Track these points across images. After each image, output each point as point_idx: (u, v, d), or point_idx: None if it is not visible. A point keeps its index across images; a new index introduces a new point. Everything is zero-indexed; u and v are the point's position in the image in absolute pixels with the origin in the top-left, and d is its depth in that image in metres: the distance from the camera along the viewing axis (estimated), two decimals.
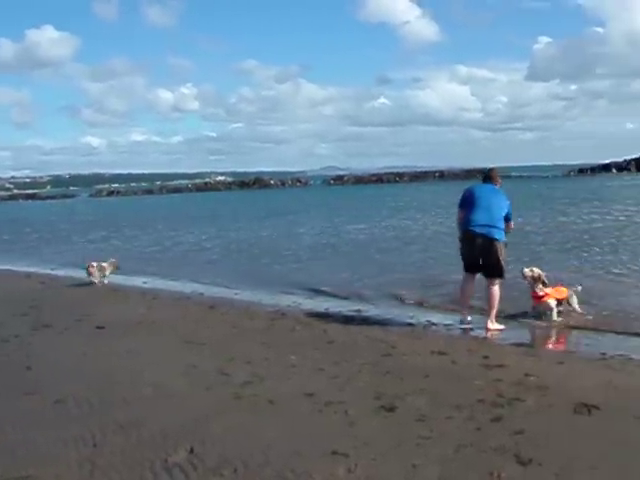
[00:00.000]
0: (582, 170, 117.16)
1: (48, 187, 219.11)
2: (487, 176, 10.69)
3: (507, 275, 10.01)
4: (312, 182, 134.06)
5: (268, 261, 20.30)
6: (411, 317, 10.84)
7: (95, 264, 16.06)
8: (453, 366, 7.68)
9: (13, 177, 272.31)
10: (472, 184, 11.07)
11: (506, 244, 10.04)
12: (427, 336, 9.55)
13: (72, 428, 5.81)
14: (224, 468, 4.87)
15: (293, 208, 50.76)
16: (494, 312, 9.92)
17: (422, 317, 10.82)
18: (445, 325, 10.28)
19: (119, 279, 16.38)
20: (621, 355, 8.32)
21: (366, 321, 10.56)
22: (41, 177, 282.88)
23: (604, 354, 8.35)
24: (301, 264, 19.22)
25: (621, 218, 29.45)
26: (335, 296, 13.23)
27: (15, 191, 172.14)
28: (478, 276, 10.22)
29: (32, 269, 20.00)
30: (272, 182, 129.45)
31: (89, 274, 15.92)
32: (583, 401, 6.10)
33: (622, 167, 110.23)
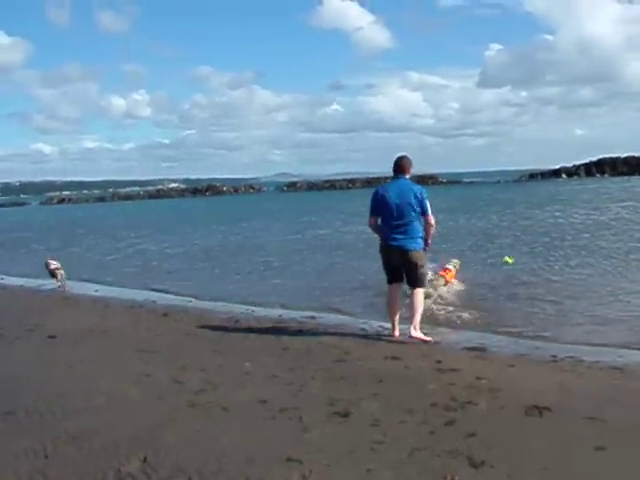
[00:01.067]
0: (533, 175, 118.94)
1: None
2: (397, 167, 9.69)
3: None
4: (265, 189, 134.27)
5: (221, 269, 20.28)
6: (364, 323, 10.87)
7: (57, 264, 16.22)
8: (406, 371, 7.72)
9: None
10: (383, 184, 10.26)
11: (425, 249, 9.58)
12: (380, 342, 9.58)
13: (23, 440, 5.71)
14: (178, 477, 4.84)
15: (247, 215, 50.80)
16: (417, 319, 9.52)
17: (375, 323, 10.85)
18: (399, 330, 10.32)
19: (72, 287, 16.23)
20: (571, 357, 8.45)
21: (320, 327, 10.56)
22: None
23: (555, 356, 8.48)
24: (257, 272, 19.19)
25: (588, 221, 30.30)
26: (289, 303, 13.22)
27: None
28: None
29: None
30: (225, 189, 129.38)
31: (54, 275, 15.96)
32: (534, 403, 6.17)
33: (572, 172, 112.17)
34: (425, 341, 9.41)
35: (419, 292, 9.59)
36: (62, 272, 16.67)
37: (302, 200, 76.77)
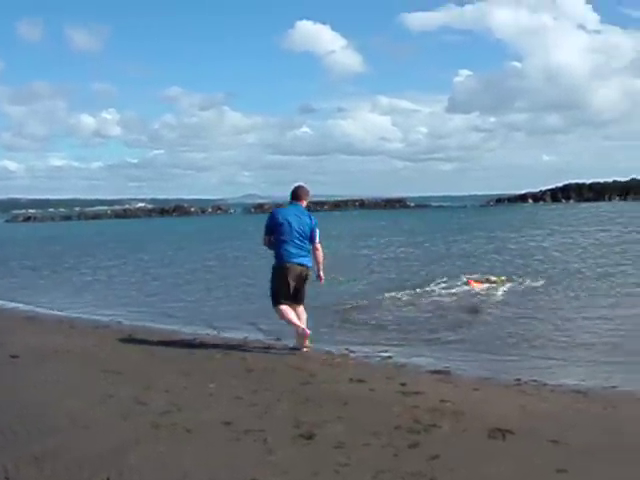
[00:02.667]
0: (500, 200, 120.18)
1: None
2: (294, 195, 10.50)
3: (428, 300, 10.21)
4: (233, 210, 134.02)
5: (189, 290, 20.23)
6: (329, 345, 10.88)
7: None
8: (371, 393, 7.74)
9: None
10: (279, 209, 11.00)
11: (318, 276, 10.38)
12: (345, 364, 9.60)
13: None
14: None
15: (216, 236, 50.76)
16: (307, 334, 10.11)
17: (340, 345, 10.87)
18: (363, 353, 10.37)
19: (35, 307, 16.10)
20: (535, 380, 8.51)
21: (285, 349, 10.56)
22: None
23: (519, 380, 8.54)
24: (225, 293, 19.18)
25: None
26: (254, 324, 13.20)
27: None
28: None
29: None
30: (192, 210, 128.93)
31: None
32: (497, 426, 6.22)
33: (538, 197, 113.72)
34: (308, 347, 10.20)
35: (303, 310, 10.35)
36: None
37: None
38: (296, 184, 10.59)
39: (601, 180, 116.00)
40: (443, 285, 18.36)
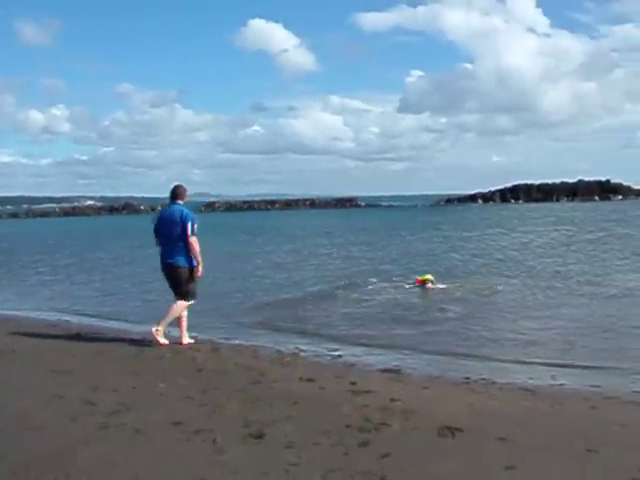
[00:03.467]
0: (450, 200, 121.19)
1: None
2: (173, 194, 10.90)
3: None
4: None
5: (148, 289, 20.03)
6: (280, 344, 10.88)
7: None
8: (321, 392, 7.75)
9: None
10: (163, 209, 11.35)
11: (193, 268, 10.55)
12: (296, 363, 9.61)
13: None
14: None
15: None
16: (166, 321, 10.58)
17: (291, 344, 10.89)
18: (313, 352, 10.39)
19: None
20: (484, 379, 8.61)
21: (235, 348, 10.54)
22: None
23: (468, 378, 8.63)
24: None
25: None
26: (204, 323, 13.13)
27: None
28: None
29: None
30: (142, 207, 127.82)
31: None
32: (447, 424, 6.28)
33: (487, 198, 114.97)
34: (163, 344, 10.47)
35: (180, 303, 10.61)
36: None
37: (227, 221, 76.30)
38: (174, 184, 11.02)
39: (549, 181, 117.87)
40: (395, 284, 18.49)
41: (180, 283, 10.56)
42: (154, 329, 10.49)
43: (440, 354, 10.45)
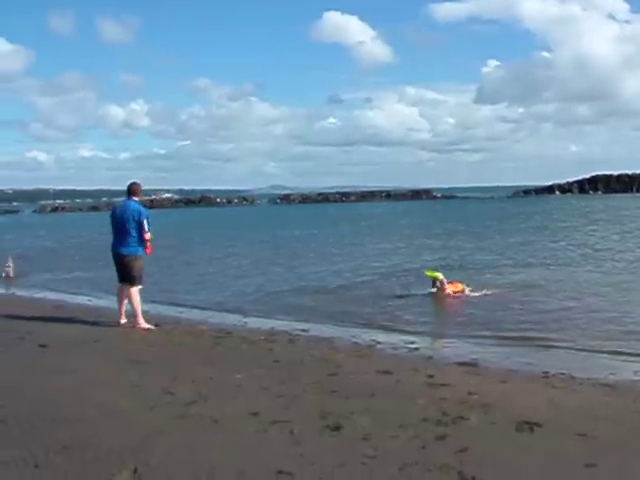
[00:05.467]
0: (526, 191, 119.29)
1: None
2: (129, 191, 11.99)
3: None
4: (259, 201, 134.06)
5: (221, 279, 20.20)
6: (356, 336, 10.86)
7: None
8: (398, 385, 7.71)
9: None
10: (116, 204, 12.86)
11: (140, 257, 11.77)
12: (372, 355, 9.59)
13: (13, 449, 5.67)
14: None
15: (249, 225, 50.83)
16: (139, 312, 11.76)
17: (367, 336, 10.85)
18: (390, 344, 10.34)
19: (63, 296, 16.19)
20: (563, 374, 8.45)
21: (312, 340, 10.56)
22: None
23: (546, 372, 8.48)
24: (256, 283, 19.15)
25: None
26: (283, 315, 13.21)
27: None
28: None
29: None
30: (218, 200, 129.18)
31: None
32: (525, 419, 6.17)
33: (565, 189, 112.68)
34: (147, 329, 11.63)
35: (134, 290, 11.72)
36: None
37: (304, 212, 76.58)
38: (130, 181, 12.14)
39: (629, 172, 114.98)
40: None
41: (131, 270, 11.71)
42: (140, 324, 11.68)
43: (517, 348, 10.29)
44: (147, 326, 11.67)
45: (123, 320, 11.98)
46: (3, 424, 6.37)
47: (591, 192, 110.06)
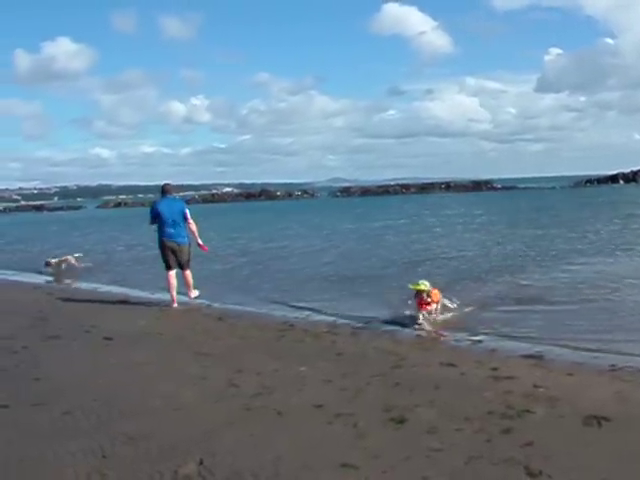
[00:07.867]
0: (589, 181, 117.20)
1: (55, 199, 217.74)
2: (163, 190, 13.93)
3: None
4: (319, 194, 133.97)
5: (283, 274, 20.03)
6: (419, 329, 10.80)
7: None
8: (462, 378, 7.66)
9: (21, 188, 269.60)
10: (156, 201, 14.23)
11: (190, 244, 13.71)
12: (436, 347, 9.55)
13: (80, 439, 5.80)
14: None
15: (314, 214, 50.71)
16: (191, 287, 13.93)
17: (430, 329, 10.80)
18: (453, 336, 10.28)
19: (127, 290, 16.40)
20: (631, 367, 8.28)
21: (375, 333, 10.54)
22: (48, 188, 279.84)
23: (614, 366, 8.32)
24: (323, 277, 19.01)
25: None
26: (344, 308, 13.16)
27: (22, 202, 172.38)
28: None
29: (39, 280, 20.09)
30: (278, 194, 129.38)
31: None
32: (593, 413, 6.08)
33: (629, 178, 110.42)
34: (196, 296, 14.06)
35: (189, 272, 13.82)
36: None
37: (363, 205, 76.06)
38: (163, 182, 14.19)
39: None
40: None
41: (182, 256, 13.62)
42: (191, 295, 14.01)
43: (583, 341, 10.11)
44: (197, 293, 14.06)
45: (175, 304, 13.58)
46: (70, 415, 6.52)
47: None
